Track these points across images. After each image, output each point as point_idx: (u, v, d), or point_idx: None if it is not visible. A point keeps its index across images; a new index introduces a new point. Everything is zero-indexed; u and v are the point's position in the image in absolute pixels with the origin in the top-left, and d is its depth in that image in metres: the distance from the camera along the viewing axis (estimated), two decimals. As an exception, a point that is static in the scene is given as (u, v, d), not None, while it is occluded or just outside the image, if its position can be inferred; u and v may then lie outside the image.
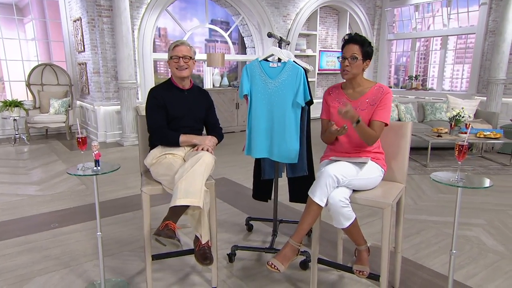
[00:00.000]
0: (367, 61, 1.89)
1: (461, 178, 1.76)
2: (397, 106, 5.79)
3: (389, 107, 1.87)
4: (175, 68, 2.06)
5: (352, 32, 1.92)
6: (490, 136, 4.67)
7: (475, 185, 1.73)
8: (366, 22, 9.66)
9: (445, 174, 1.82)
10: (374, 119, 1.86)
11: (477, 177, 1.76)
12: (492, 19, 7.68)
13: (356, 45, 1.88)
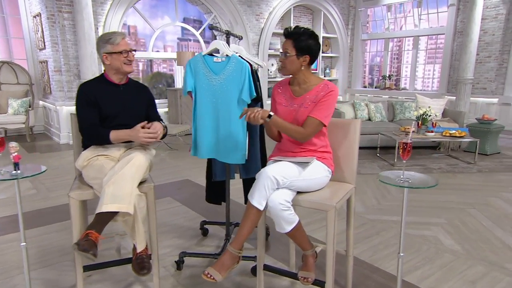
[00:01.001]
0: (304, 56, 1.77)
1: (407, 178, 1.68)
2: (367, 105, 5.78)
3: (328, 106, 1.76)
4: (123, 63, 1.91)
5: (291, 27, 1.80)
6: (455, 135, 4.70)
7: (420, 185, 1.65)
8: (340, 22, 9.68)
9: (393, 174, 1.74)
10: (309, 115, 1.76)
11: (424, 176, 1.68)
12: (460, 20, 7.83)
13: (289, 40, 1.78)
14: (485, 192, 3.69)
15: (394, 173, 1.77)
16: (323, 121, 1.74)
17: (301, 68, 1.80)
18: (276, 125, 1.76)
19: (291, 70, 1.81)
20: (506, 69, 7.35)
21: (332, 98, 1.76)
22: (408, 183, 1.65)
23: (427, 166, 4.67)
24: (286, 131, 1.77)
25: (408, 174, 1.72)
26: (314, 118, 1.74)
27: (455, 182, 4.02)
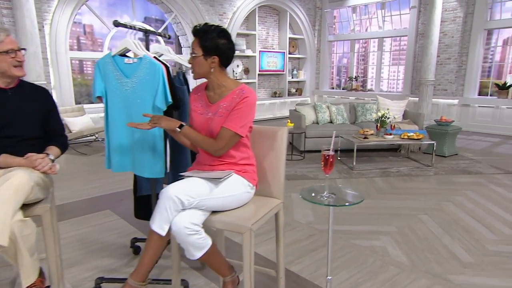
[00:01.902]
0: (213, 57, 1.57)
1: (331, 193, 1.52)
2: (329, 107, 5.68)
3: (243, 114, 1.57)
4: (11, 65, 1.64)
5: (200, 24, 1.59)
6: (413, 137, 4.66)
7: (343, 202, 1.48)
8: (306, 23, 9.61)
9: (318, 188, 1.57)
10: (222, 126, 1.57)
11: (352, 191, 1.51)
12: (421, 22, 7.91)
13: (196, 39, 1.58)
14: (439, 196, 3.63)
15: (322, 187, 1.60)
16: (238, 132, 1.55)
17: (211, 70, 1.59)
18: (187, 136, 1.56)
19: (200, 73, 1.61)
20: (465, 71, 7.48)
21: (247, 106, 1.57)
22: (332, 200, 1.48)
23: (386, 169, 4.59)
24: (197, 143, 1.57)
25: (335, 188, 1.56)
26: (227, 129, 1.54)
27: (411, 186, 3.95)
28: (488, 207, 3.33)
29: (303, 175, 4.33)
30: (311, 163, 4.90)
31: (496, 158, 5.19)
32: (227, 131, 1.54)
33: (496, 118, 7.13)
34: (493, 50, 7.51)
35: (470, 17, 7.24)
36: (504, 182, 4.06)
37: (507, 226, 2.91)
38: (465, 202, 3.45)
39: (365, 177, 4.29)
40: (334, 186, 1.59)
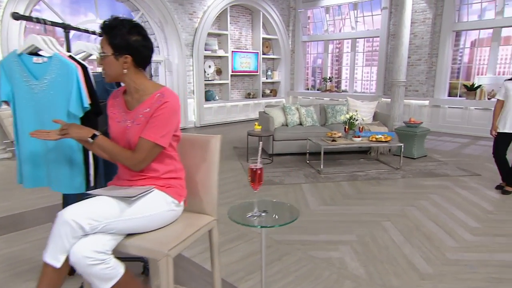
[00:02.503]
0: (124, 56, 1.38)
1: (263, 210, 1.34)
2: (298, 109, 5.55)
3: (163, 122, 1.38)
4: None
5: (108, 19, 1.39)
6: (381, 140, 4.58)
7: (273, 223, 1.31)
8: (280, 23, 9.49)
9: (249, 206, 1.40)
10: (140, 136, 1.38)
11: (287, 206, 1.34)
12: (392, 23, 7.92)
13: (104, 36, 1.38)
14: (404, 200, 3.54)
15: (255, 203, 1.42)
16: (158, 142, 1.36)
17: (124, 72, 1.39)
18: (102, 148, 1.36)
19: (112, 75, 1.41)
20: (435, 72, 7.53)
21: (167, 112, 1.38)
22: (263, 220, 1.30)
23: (354, 173, 4.49)
24: (113, 156, 1.37)
25: (268, 204, 1.38)
26: (145, 139, 1.35)
27: (377, 191, 3.85)
28: (451, 211, 3.26)
29: (268, 180, 4.17)
30: (279, 167, 4.75)
31: (464, 159, 5.19)
32: (146, 142, 1.35)
33: (465, 119, 7.20)
34: (462, 52, 7.59)
35: (439, 18, 7.29)
36: (470, 184, 4.02)
37: (468, 231, 2.83)
38: (429, 206, 3.37)
39: (332, 181, 4.17)
40: (267, 202, 1.41)
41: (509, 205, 3.40)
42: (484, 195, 3.68)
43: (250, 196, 3.75)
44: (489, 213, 3.21)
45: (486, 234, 2.79)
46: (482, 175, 4.37)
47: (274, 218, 1.32)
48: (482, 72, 7.24)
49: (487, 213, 3.21)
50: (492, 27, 6.80)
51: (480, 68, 7.29)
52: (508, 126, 3.60)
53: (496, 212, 3.22)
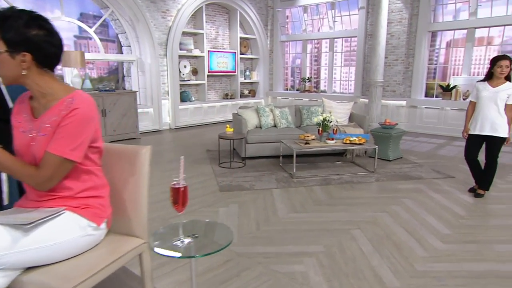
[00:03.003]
0: (22, 53, 1.16)
1: (192, 235, 1.16)
2: (272, 110, 5.39)
3: (73, 132, 1.18)
4: None
5: (3, 8, 1.18)
6: (355, 142, 4.46)
7: (209, 246, 1.13)
8: (258, 22, 9.32)
9: (177, 229, 1.21)
10: (46, 149, 1.17)
11: (221, 230, 1.16)
12: (369, 23, 7.86)
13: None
14: (377, 206, 3.41)
15: (185, 225, 1.23)
16: (67, 156, 1.15)
17: (22, 73, 1.18)
18: None
19: (8, 76, 1.19)
20: (411, 73, 7.51)
21: (77, 121, 1.18)
22: (192, 246, 1.12)
23: (327, 176, 4.36)
24: (13, 173, 1.15)
25: (199, 226, 1.20)
26: (51, 153, 1.15)
27: (350, 196, 3.72)
28: (423, 216, 3.15)
29: (238, 185, 3.99)
30: (251, 171, 4.58)
31: (439, 161, 5.14)
32: (52, 157, 1.14)
33: (441, 119, 7.20)
34: (438, 52, 7.60)
35: (415, 18, 7.27)
36: (443, 187, 3.94)
37: (439, 239, 2.72)
38: (401, 212, 3.26)
39: (304, 186, 4.02)
40: (200, 223, 1.23)
41: (481, 209, 3.33)
42: (457, 198, 3.60)
43: (217, 203, 3.58)
44: (461, 218, 3.12)
45: (457, 241, 2.69)
46: (456, 177, 4.31)
47: (204, 244, 1.14)
48: (457, 72, 7.26)
49: (459, 218, 3.12)
50: (466, 28, 6.82)
51: (456, 68, 7.31)
52: (478, 128, 3.54)
53: (467, 217, 3.13)
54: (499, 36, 6.70)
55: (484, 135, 3.52)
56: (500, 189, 3.89)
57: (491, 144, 3.50)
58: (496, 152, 3.52)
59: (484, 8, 6.59)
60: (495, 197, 3.64)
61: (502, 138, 3.45)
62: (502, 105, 3.42)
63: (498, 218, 3.12)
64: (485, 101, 3.48)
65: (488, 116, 3.46)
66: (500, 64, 3.35)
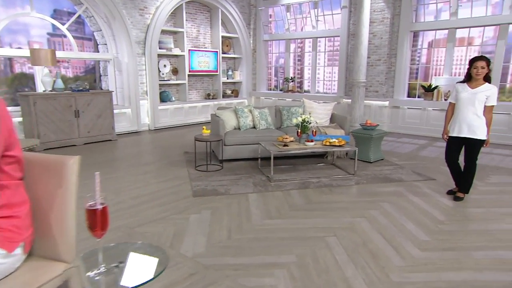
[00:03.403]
0: None
1: (118, 262, 0.99)
2: (251, 111, 5.23)
3: None
4: None
5: None
6: (335, 144, 4.34)
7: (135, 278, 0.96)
8: (240, 21, 9.15)
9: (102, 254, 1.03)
10: None
11: (153, 253, 0.99)
12: (352, 22, 7.79)
13: None
14: (355, 210, 3.29)
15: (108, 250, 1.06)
16: None
17: None
18: None
19: None
20: (394, 73, 7.47)
21: None
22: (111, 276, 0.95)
23: (306, 179, 4.22)
24: None
25: (129, 248, 1.03)
26: None
27: (328, 200, 3.59)
28: (402, 222, 3.04)
29: (213, 190, 3.82)
30: (228, 174, 4.41)
31: (420, 162, 5.07)
32: None
33: (423, 120, 7.17)
34: (420, 52, 7.58)
35: (397, 18, 7.22)
36: (423, 190, 3.86)
37: (417, 246, 2.61)
38: (379, 217, 3.14)
39: (282, 190, 3.87)
40: (128, 247, 1.06)
41: (460, 213, 3.24)
42: (436, 202, 3.51)
43: (190, 209, 3.40)
44: (440, 223, 3.03)
45: (435, 248, 2.58)
46: (436, 179, 4.23)
47: (130, 273, 0.97)
48: (439, 72, 7.24)
49: (438, 223, 3.03)
50: (447, 28, 6.80)
51: (438, 68, 7.30)
52: (457, 130, 3.46)
53: (447, 222, 3.04)
54: (479, 36, 6.70)
55: (463, 137, 3.44)
56: (480, 191, 3.82)
57: (470, 146, 3.43)
58: (475, 155, 3.44)
59: (464, 8, 6.58)
60: (474, 200, 3.57)
61: (481, 141, 3.38)
62: (481, 106, 3.34)
63: (476, 222, 3.04)
64: (463, 103, 3.40)
65: (466, 118, 3.39)
66: (476, 65, 3.28)
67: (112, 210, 3.21)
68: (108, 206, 0.98)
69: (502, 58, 6.28)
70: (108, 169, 4.65)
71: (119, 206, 3.35)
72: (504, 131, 6.30)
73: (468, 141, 3.43)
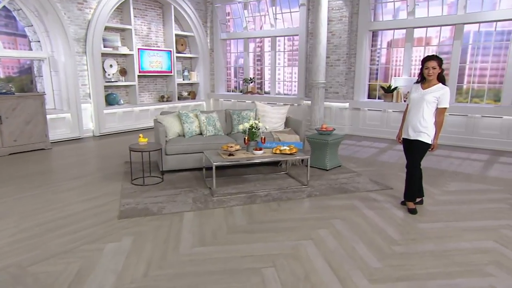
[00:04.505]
0: None
1: None
2: (197, 116, 4.73)
3: None
4: None
5: None
6: (285, 152, 3.94)
7: None
8: (196, 19, 8.62)
9: None
10: None
11: None
12: (310, 21, 7.48)
13: None
14: (302, 231, 2.89)
15: None
16: None
17: None
18: None
19: None
20: (354, 73, 7.23)
21: None
22: None
23: (254, 193, 3.79)
24: None
25: None
26: None
27: (274, 218, 3.17)
28: (353, 243, 2.67)
29: (144, 209, 3.30)
30: (168, 188, 3.90)
31: (378, 168, 4.78)
32: None
33: (384, 122, 6.97)
34: (379, 52, 7.39)
35: (355, 17, 6.98)
36: (379, 202, 3.53)
37: (366, 276, 2.24)
38: (328, 238, 2.76)
39: (224, 206, 3.42)
40: None
41: (416, 230, 2.92)
42: (391, 216, 3.18)
43: (109, 236, 2.79)
44: (394, 243, 2.68)
45: (386, 279, 2.22)
46: (394, 188, 3.93)
47: None
48: (398, 73, 7.07)
49: (391, 243, 2.68)
50: (405, 28, 6.63)
51: (397, 69, 7.13)
52: (405, 132, 3.26)
53: (401, 242, 2.70)
54: (436, 36, 6.58)
55: (410, 140, 3.18)
56: (437, 201, 3.55)
57: (414, 149, 3.18)
58: (417, 159, 3.19)
59: (421, 8, 6.43)
60: (431, 212, 3.27)
61: (425, 144, 3.11)
62: (429, 108, 3.08)
63: (433, 241, 2.72)
64: (413, 104, 3.19)
65: (413, 119, 3.16)
66: (427, 65, 3.04)
67: (3, 244, 2.62)
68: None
69: (458, 59, 6.18)
70: (27, 185, 3.99)
71: (17, 236, 2.76)
72: (462, 133, 6.18)
73: (412, 143, 3.17)
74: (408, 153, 3.28)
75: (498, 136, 5.88)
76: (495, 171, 4.62)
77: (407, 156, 3.30)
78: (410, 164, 3.24)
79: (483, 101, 6.27)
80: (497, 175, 4.43)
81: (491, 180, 4.23)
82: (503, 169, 4.74)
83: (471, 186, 4.03)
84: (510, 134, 5.79)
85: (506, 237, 2.77)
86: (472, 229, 2.92)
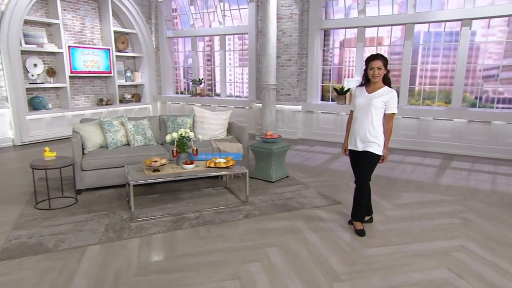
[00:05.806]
0: None
1: None
2: (124, 124, 4.09)
3: None
4: None
5: None
6: (220, 166, 3.41)
7: None
8: (138, 15, 7.88)
9: None
10: None
11: None
12: (260, 18, 7.02)
13: None
14: (229, 267, 2.38)
15: None
16: None
17: None
18: None
19: None
20: (306, 74, 6.87)
21: None
22: None
23: (183, 214, 3.23)
24: None
25: None
26: None
27: (198, 250, 2.63)
28: (287, 283, 2.19)
29: (36, 245, 2.63)
30: (80, 212, 3.24)
31: (329, 178, 4.39)
32: None
33: (337, 125, 6.66)
34: (332, 52, 7.09)
35: (306, 15, 6.62)
36: (324, 222, 3.10)
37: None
38: (259, 276, 2.26)
39: (142, 235, 2.83)
40: None
41: (363, 258, 2.50)
42: (337, 241, 2.75)
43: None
44: (336, 279, 2.24)
45: (321, 336, 1.75)
46: (342, 202, 3.53)
47: None
48: (351, 74, 6.80)
49: (333, 279, 2.23)
50: (356, 27, 6.36)
51: (350, 70, 6.86)
52: (352, 143, 2.82)
53: (344, 277, 2.26)
54: (388, 36, 6.37)
55: (358, 151, 2.77)
56: (388, 218, 3.18)
57: (362, 162, 2.76)
58: (368, 173, 2.79)
59: (372, 6, 6.18)
60: (380, 233, 2.89)
61: (376, 156, 2.72)
62: (378, 114, 2.69)
63: (380, 273, 2.31)
64: (359, 110, 2.76)
65: (361, 128, 2.73)
66: (372, 65, 2.64)
67: None
68: None
69: (410, 59, 5.99)
70: None
71: None
72: (414, 136, 6.00)
73: (361, 155, 2.76)
74: (356, 167, 2.87)
75: (449, 139, 5.74)
76: (448, 178, 4.39)
77: (355, 170, 2.89)
78: (360, 180, 2.83)
79: (434, 103, 6.13)
80: (449, 183, 4.20)
81: (443, 189, 3.97)
82: (454, 175, 4.53)
83: (423, 197, 3.73)
84: (460, 137, 5.66)
85: (460, 262, 2.43)
86: (424, 253, 2.56)
